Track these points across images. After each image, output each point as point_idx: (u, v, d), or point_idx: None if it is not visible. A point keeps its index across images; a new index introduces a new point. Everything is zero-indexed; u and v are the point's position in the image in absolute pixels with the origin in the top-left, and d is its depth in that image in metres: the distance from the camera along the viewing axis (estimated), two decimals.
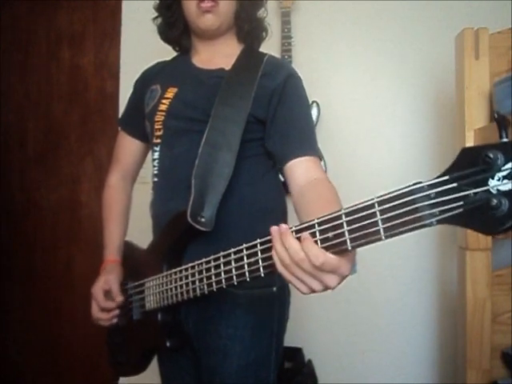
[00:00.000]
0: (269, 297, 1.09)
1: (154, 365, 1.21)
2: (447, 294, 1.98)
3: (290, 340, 1.18)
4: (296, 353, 1.98)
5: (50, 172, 2.42)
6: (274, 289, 1.09)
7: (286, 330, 1.15)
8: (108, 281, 1.14)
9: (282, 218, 1.14)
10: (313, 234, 0.65)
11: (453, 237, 1.86)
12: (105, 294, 1.14)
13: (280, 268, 0.68)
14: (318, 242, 0.64)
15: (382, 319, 2.05)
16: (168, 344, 1.05)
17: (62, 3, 2.42)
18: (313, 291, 0.68)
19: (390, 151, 2.05)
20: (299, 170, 1.01)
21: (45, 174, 2.43)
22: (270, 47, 1.24)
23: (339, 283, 0.67)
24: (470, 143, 1.51)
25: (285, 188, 1.19)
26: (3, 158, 2.45)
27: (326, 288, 0.67)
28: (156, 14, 1.23)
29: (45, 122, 2.44)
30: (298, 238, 0.66)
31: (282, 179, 1.21)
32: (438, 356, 2.03)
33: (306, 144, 1.05)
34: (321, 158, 1.07)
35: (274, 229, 0.69)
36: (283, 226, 0.68)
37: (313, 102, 2.03)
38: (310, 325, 2.07)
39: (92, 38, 2.40)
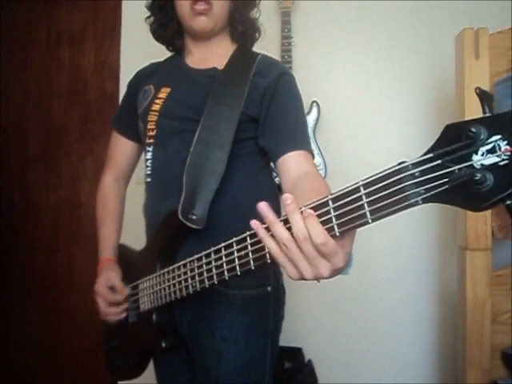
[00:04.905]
0: (263, 297, 1.08)
1: (150, 366, 1.21)
2: (447, 294, 1.98)
3: (289, 340, 1.19)
4: (296, 353, 1.97)
5: (50, 172, 2.42)
6: (269, 288, 1.08)
7: (281, 329, 1.15)
8: (109, 278, 1.14)
9: None
10: None
11: (453, 237, 1.86)
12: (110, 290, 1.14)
13: (275, 250, 0.64)
14: None
15: (382, 319, 2.05)
16: (163, 344, 1.04)
17: (62, 3, 2.42)
18: (302, 277, 0.64)
19: (389, 151, 2.05)
20: (291, 163, 1.00)
21: (45, 174, 2.43)
22: (270, 47, 1.24)
23: (331, 276, 0.63)
24: None
25: (279, 188, 1.20)
26: (3, 158, 2.45)
27: (317, 275, 0.63)
28: (149, 13, 1.22)
29: (45, 122, 2.44)
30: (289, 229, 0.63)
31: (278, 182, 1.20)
32: (438, 356, 2.03)
33: (298, 138, 1.05)
34: (312, 153, 1.06)
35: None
36: (288, 197, 0.63)
37: (313, 101, 2.03)
38: (310, 325, 2.07)
39: (92, 38, 2.40)
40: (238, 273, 0.76)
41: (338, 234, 0.60)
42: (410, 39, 2.06)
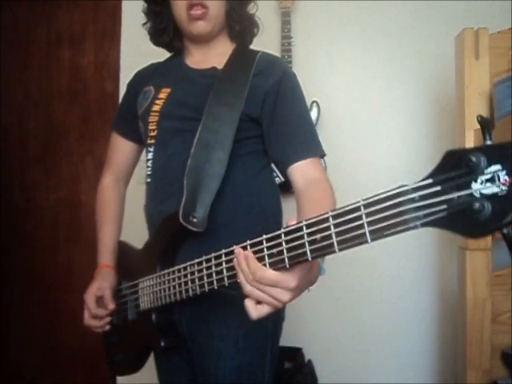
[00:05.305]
0: None
1: (151, 365, 1.21)
2: (447, 294, 1.98)
3: (289, 340, 1.18)
4: (296, 353, 1.98)
5: (50, 172, 2.42)
6: None
7: (281, 330, 1.15)
8: (101, 288, 1.14)
9: (275, 217, 1.14)
10: (301, 237, 0.66)
11: (453, 237, 1.86)
12: (97, 301, 1.13)
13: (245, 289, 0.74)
14: (306, 243, 0.65)
15: (382, 319, 2.05)
16: (162, 344, 1.05)
17: (62, 3, 2.42)
18: (271, 308, 0.72)
19: (389, 151, 2.05)
20: (297, 174, 1.02)
21: (45, 174, 2.43)
22: (270, 47, 1.23)
23: (294, 296, 0.71)
24: (469, 143, 1.51)
25: (280, 188, 1.20)
26: (3, 158, 2.45)
27: (280, 302, 0.71)
28: (145, 19, 1.22)
29: (45, 122, 2.44)
30: (292, 240, 0.67)
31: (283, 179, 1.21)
32: (438, 356, 2.03)
33: (304, 146, 1.05)
34: (322, 154, 1.06)
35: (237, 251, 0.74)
36: (236, 249, 0.74)
37: (313, 101, 2.03)
38: (310, 325, 2.07)
39: (92, 38, 2.40)
40: (238, 279, 0.76)
41: (337, 251, 0.61)
42: (410, 39, 2.06)
